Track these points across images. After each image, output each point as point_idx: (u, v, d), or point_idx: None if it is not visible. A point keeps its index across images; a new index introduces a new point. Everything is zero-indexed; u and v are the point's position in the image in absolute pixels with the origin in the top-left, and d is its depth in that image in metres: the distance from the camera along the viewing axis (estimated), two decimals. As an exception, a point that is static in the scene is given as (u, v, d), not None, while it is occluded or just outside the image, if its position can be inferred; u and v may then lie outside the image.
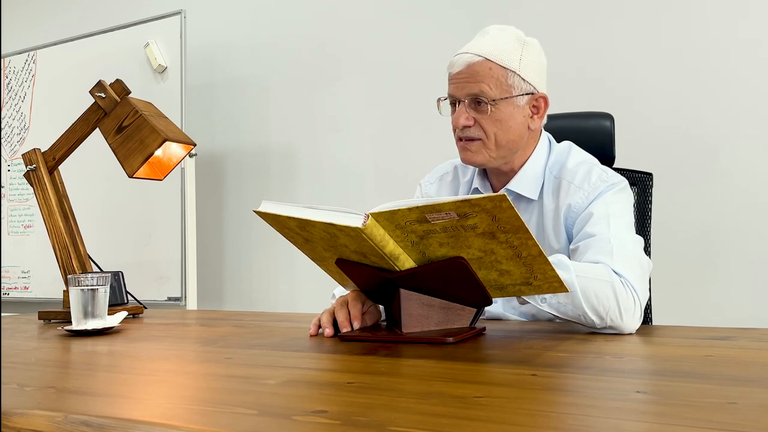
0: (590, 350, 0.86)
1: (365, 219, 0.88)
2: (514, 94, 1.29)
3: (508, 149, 1.32)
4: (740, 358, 0.80)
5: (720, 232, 2.17)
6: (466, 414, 0.55)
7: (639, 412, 0.55)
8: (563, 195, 1.31)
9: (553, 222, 1.32)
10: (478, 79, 1.28)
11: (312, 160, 2.98)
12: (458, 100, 1.32)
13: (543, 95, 1.33)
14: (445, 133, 2.80)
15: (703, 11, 2.23)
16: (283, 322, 1.28)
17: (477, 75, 1.28)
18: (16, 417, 0.60)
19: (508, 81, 1.28)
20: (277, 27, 3.06)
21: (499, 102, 1.28)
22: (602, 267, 1.12)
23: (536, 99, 1.32)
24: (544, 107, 1.34)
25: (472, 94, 1.29)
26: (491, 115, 1.29)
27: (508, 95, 1.29)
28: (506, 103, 1.29)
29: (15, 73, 3.42)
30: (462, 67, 1.30)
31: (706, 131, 2.22)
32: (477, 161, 1.34)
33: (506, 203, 0.83)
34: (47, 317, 1.45)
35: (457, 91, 1.32)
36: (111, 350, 0.99)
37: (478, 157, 1.33)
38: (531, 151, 1.37)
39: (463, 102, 1.30)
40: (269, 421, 0.55)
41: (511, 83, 1.29)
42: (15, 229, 3.38)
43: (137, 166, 1.42)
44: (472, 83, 1.29)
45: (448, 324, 1.00)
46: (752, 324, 1.25)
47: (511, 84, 1.29)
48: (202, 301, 3.03)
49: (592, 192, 1.27)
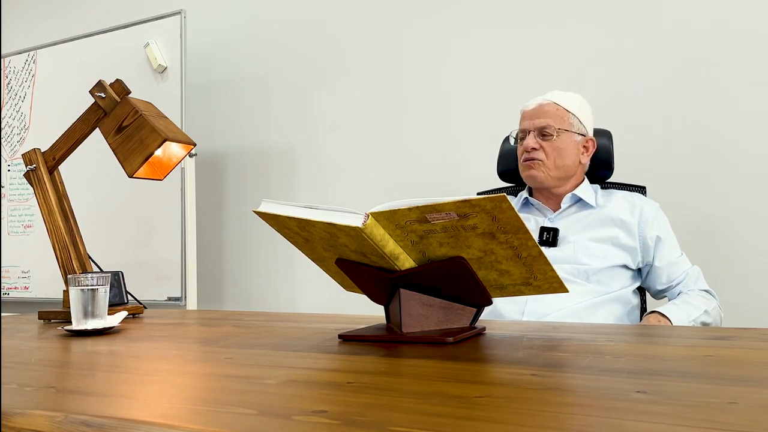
0: (590, 350, 0.86)
1: (365, 219, 0.88)
2: (572, 130, 1.65)
3: (563, 172, 1.66)
4: (740, 358, 0.80)
5: (719, 233, 2.17)
6: (466, 414, 0.55)
7: (639, 412, 0.55)
8: (619, 195, 1.68)
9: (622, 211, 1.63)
10: (546, 115, 1.65)
11: (312, 160, 2.98)
12: (528, 131, 1.66)
13: (592, 138, 1.70)
14: (444, 132, 2.82)
15: (698, 19, 2.23)
16: (283, 322, 1.28)
17: (545, 112, 1.66)
18: (16, 417, 0.60)
19: (569, 120, 1.65)
20: (277, 27, 3.06)
21: (561, 133, 1.64)
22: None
23: (587, 141, 1.69)
24: (592, 148, 1.70)
25: (540, 126, 1.65)
26: (553, 142, 1.64)
27: (568, 129, 1.65)
28: (566, 135, 1.65)
29: (15, 73, 3.42)
30: (534, 106, 1.68)
31: (705, 131, 2.22)
32: (537, 177, 1.65)
33: (506, 204, 0.83)
34: (47, 317, 1.45)
35: (528, 124, 1.67)
36: (111, 350, 0.99)
37: (539, 174, 1.65)
38: (579, 183, 1.70)
39: (532, 132, 1.65)
40: (269, 421, 0.55)
41: (572, 122, 1.66)
42: (15, 229, 3.38)
43: (137, 166, 1.42)
44: (540, 118, 1.65)
45: (448, 324, 1.00)
46: (752, 324, 1.25)
47: (571, 123, 1.65)
48: (202, 301, 3.03)
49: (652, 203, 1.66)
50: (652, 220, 1.61)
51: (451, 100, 2.67)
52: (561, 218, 1.66)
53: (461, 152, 2.62)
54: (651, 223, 1.61)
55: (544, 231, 1.63)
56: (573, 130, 1.65)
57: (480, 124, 2.59)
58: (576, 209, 1.67)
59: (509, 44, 2.56)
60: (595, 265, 1.56)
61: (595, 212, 1.64)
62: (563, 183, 1.67)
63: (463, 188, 2.52)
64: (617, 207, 1.64)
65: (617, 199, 1.66)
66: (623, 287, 1.58)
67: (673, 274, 1.61)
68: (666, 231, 1.63)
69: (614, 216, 1.62)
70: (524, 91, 2.50)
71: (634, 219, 1.61)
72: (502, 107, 2.56)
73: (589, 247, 1.58)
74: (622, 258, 1.58)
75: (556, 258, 1.58)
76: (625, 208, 1.63)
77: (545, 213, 1.69)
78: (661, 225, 1.62)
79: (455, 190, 2.56)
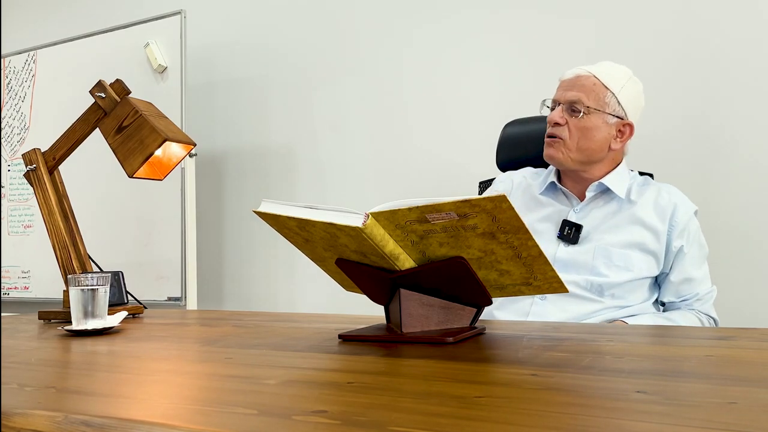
0: (590, 350, 0.86)
1: (365, 219, 0.88)
2: (606, 111, 1.47)
3: (586, 156, 1.49)
4: (740, 358, 0.80)
5: (720, 232, 2.17)
6: (466, 414, 0.55)
7: (639, 412, 0.55)
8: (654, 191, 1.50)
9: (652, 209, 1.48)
10: (580, 89, 1.48)
11: (311, 160, 2.98)
12: (558, 103, 1.51)
13: (630, 123, 1.50)
14: (444, 132, 2.81)
15: (703, 14, 2.23)
16: (283, 322, 1.28)
17: (580, 85, 1.48)
18: (16, 417, 0.60)
19: (605, 99, 1.47)
20: (277, 27, 3.07)
21: (592, 112, 1.47)
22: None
23: (623, 125, 1.50)
24: (629, 134, 1.51)
25: (571, 100, 1.48)
26: (580, 121, 1.47)
27: (601, 109, 1.47)
28: (596, 115, 1.47)
29: (15, 73, 3.42)
30: (571, 76, 1.51)
31: (705, 131, 2.22)
32: (555, 157, 1.50)
33: (506, 204, 0.83)
34: (47, 317, 1.45)
35: (560, 95, 1.51)
36: (111, 350, 0.99)
37: (557, 154, 1.50)
38: (611, 169, 1.53)
39: (562, 105, 1.49)
40: (269, 421, 0.55)
41: (607, 101, 1.47)
42: (15, 229, 3.38)
43: (137, 166, 1.42)
44: (574, 90, 1.48)
45: (448, 324, 1.00)
46: (752, 324, 1.25)
47: (606, 102, 1.47)
48: (202, 301, 3.03)
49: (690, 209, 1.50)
50: (682, 228, 1.47)
51: (450, 100, 2.67)
52: (587, 211, 1.51)
53: (461, 152, 2.62)
54: (680, 232, 1.46)
55: (566, 225, 1.48)
56: (607, 110, 1.47)
57: (480, 124, 2.59)
58: (603, 201, 1.51)
59: (509, 44, 2.56)
60: (613, 278, 1.42)
61: (625, 209, 1.48)
62: (588, 168, 1.51)
63: (463, 188, 2.52)
64: (648, 207, 1.48)
65: (651, 195, 1.50)
66: (643, 301, 1.46)
67: (683, 292, 1.47)
68: (691, 243, 1.47)
69: (644, 218, 1.47)
70: (525, 90, 2.50)
71: (664, 226, 1.46)
72: (502, 107, 2.56)
73: (611, 255, 1.44)
74: (646, 267, 1.45)
75: (571, 262, 1.45)
76: (657, 210, 1.48)
77: (572, 202, 1.54)
78: (689, 235, 1.47)
79: (455, 190, 2.55)
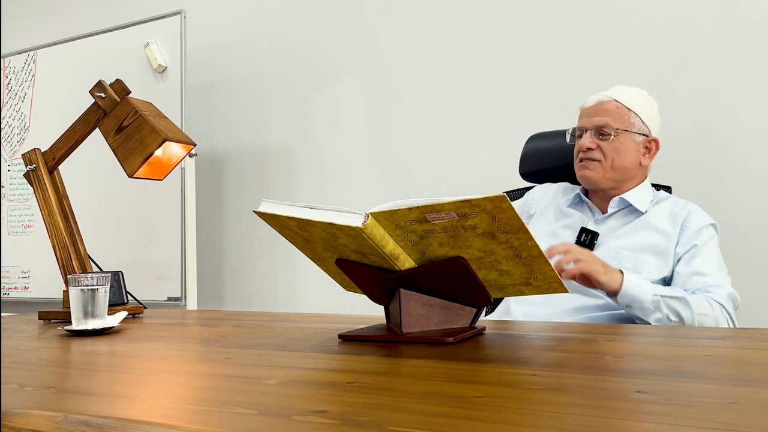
0: (590, 350, 0.86)
1: (365, 219, 0.88)
2: (633, 131, 1.54)
3: (621, 174, 1.55)
4: (740, 358, 0.80)
5: (720, 231, 2.17)
6: (466, 414, 0.55)
7: (639, 412, 0.55)
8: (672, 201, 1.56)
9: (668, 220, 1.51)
10: (605, 114, 1.55)
11: (311, 160, 2.98)
12: (585, 130, 1.57)
13: (656, 139, 1.58)
14: (444, 132, 2.81)
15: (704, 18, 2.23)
16: (283, 322, 1.28)
17: (604, 110, 1.55)
18: (16, 417, 0.60)
19: (630, 119, 1.54)
20: (277, 27, 3.07)
21: (621, 133, 1.54)
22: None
23: (649, 141, 1.57)
24: (655, 149, 1.58)
25: (598, 125, 1.55)
26: (612, 143, 1.54)
27: (628, 130, 1.54)
28: (625, 136, 1.54)
29: (15, 73, 3.42)
30: (593, 103, 1.57)
31: (714, 135, 2.22)
32: (592, 178, 1.56)
33: (506, 204, 0.83)
34: (47, 317, 1.45)
35: (586, 122, 1.57)
36: (111, 350, 0.99)
37: (594, 174, 1.56)
38: (636, 185, 1.59)
39: (590, 131, 1.56)
40: (269, 421, 0.55)
41: (632, 122, 1.55)
42: (15, 229, 3.38)
43: (137, 166, 1.42)
44: (599, 116, 1.55)
45: (448, 324, 1.00)
46: (752, 324, 1.25)
47: (632, 122, 1.54)
48: (202, 301, 3.03)
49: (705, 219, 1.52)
50: (693, 231, 1.48)
51: (450, 100, 2.67)
52: (606, 222, 1.56)
53: (460, 152, 2.62)
54: (692, 233, 1.48)
55: (583, 232, 1.53)
56: (634, 130, 1.54)
57: (480, 124, 2.59)
58: (623, 214, 1.56)
59: (511, 45, 2.56)
60: None
61: (641, 218, 1.53)
62: (620, 185, 1.57)
63: (462, 188, 2.52)
64: (662, 215, 1.52)
65: (667, 205, 1.55)
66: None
67: (693, 283, 1.43)
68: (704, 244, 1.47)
69: (657, 224, 1.50)
70: (525, 91, 2.50)
71: (675, 228, 1.49)
72: (502, 107, 2.56)
73: (621, 257, 1.46)
74: (656, 269, 1.46)
75: None
76: (671, 217, 1.51)
77: (594, 213, 1.60)
78: (701, 237, 1.48)
79: (455, 190, 2.55)
